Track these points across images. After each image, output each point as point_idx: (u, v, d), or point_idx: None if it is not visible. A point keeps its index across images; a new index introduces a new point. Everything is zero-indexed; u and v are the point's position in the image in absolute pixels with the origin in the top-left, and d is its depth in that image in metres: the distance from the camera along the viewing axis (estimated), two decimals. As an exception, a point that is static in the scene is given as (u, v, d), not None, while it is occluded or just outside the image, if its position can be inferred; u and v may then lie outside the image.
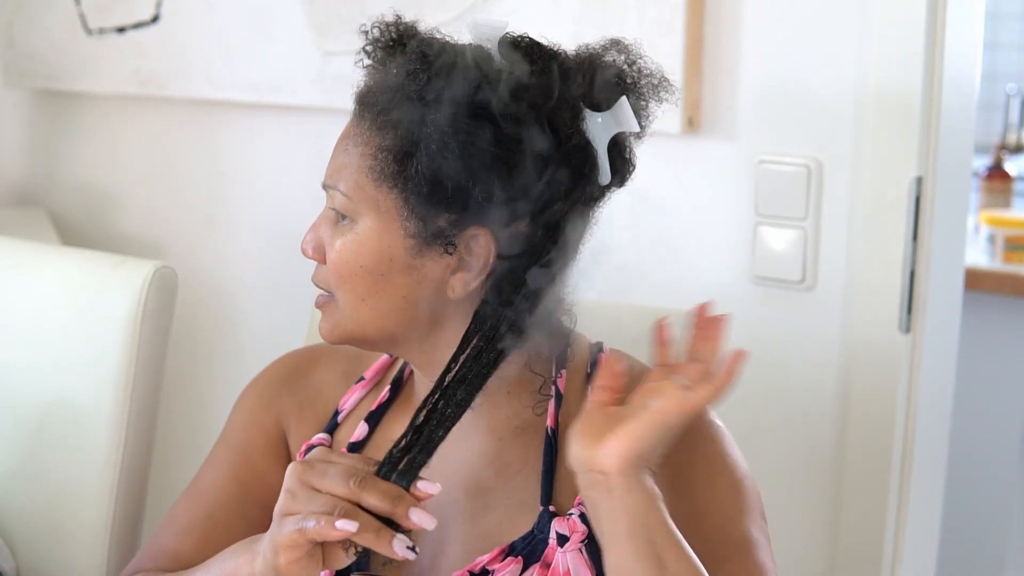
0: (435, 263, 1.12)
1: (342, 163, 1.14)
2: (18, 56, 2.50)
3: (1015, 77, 3.80)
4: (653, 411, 1.05)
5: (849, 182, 1.76)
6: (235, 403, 1.35)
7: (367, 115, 1.13)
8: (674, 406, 1.05)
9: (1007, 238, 2.69)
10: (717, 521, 1.13)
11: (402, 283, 1.12)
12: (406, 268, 1.12)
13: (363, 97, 1.14)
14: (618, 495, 1.04)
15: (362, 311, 1.14)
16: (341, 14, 2.11)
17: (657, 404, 1.05)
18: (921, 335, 1.77)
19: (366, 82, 1.15)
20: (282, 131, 2.26)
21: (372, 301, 1.13)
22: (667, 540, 1.04)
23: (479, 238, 1.11)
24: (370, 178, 1.11)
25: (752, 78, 1.81)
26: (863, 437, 1.78)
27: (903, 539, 1.80)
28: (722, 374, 1.06)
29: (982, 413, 2.65)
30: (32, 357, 1.68)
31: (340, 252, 1.13)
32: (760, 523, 1.15)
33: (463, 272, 1.12)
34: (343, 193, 1.13)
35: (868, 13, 1.72)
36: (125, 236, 2.49)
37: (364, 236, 1.12)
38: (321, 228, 1.16)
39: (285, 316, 2.24)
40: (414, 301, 1.13)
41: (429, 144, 1.08)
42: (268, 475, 1.29)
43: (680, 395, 1.05)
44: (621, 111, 1.11)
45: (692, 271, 1.89)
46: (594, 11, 1.87)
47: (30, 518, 1.66)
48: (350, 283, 1.13)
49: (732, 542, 1.12)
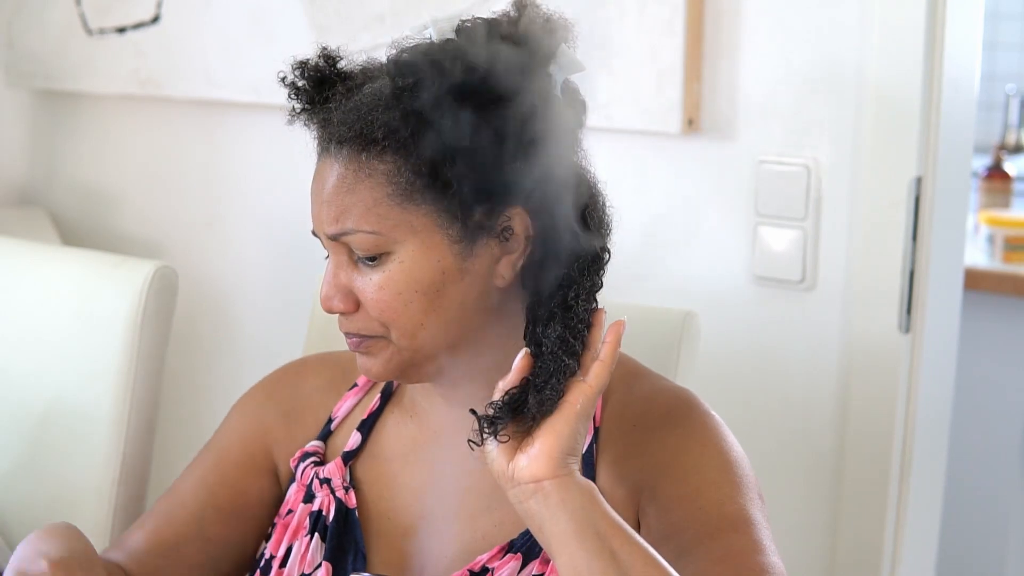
0: (482, 258, 1.12)
1: (347, 205, 1.10)
2: (18, 56, 2.50)
3: (1015, 77, 3.80)
4: (564, 406, 1.05)
5: (849, 182, 1.76)
6: (231, 409, 1.35)
7: (361, 147, 1.10)
8: (578, 395, 1.05)
9: (1007, 238, 2.69)
10: (713, 498, 1.12)
11: (456, 291, 1.12)
12: (458, 274, 1.11)
13: (345, 134, 1.11)
14: (556, 499, 1.03)
15: (421, 335, 1.12)
16: (341, 14, 2.11)
17: (566, 401, 1.06)
18: (921, 335, 1.77)
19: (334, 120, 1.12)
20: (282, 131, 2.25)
21: (432, 320, 1.12)
22: (614, 530, 1.03)
23: (515, 218, 1.11)
24: (393, 203, 1.10)
25: (752, 78, 1.81)
26: (863, 437, 1.78)
27: (903, 539, 1.80)
28: (606, 349, 1.07)
29: (982, 413, 2.64)
30: (32, 357, 1.68)
31: (387, 287, 1.11)
32: (758, 503, 1.14)
33: (507, 256, 1.12)
34: (367, 232, 1.10)
35: (868, 13, 1.72)
36: (125, 236, 2.49)
37: (410, 261, 1.10)
38: (340, 277, 1.13)
39: (285, 316, 2.25)
40: (470, 303, 1.13)
41: (446, 144, 1.08)
42: (238, 483, 1.29)
43: (579, 385, 1.06)
44: (565, 57, 1.12)
45: (692, 271, 1.89)
46: (594, 11, 1.87)
47: (30, 518, 1.66)
48: (406, 313, 1.11)
49: (727, 518, 1.11)
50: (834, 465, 1.80)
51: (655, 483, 1.14)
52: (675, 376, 1.43)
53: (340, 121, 1.11)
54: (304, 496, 1.26)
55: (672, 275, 1.89)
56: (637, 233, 1.89)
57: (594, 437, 1.18)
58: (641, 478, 1.15)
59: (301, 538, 1.24)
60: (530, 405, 1.05)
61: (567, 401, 1.05)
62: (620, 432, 1.18)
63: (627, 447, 1.17)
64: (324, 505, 1.24)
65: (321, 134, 1.14)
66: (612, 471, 1.17)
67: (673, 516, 1.12)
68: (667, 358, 1.44)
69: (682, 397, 1.21)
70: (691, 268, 1.89)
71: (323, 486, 1.25)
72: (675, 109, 1.81)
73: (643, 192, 1.89)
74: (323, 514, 1.24)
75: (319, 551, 1.23)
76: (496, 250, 1.12)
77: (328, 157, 1.13)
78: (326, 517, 1.24)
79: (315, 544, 1.23)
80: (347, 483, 1.24)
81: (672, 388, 1.22)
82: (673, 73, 1.80)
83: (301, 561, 1.23)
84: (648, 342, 1.45)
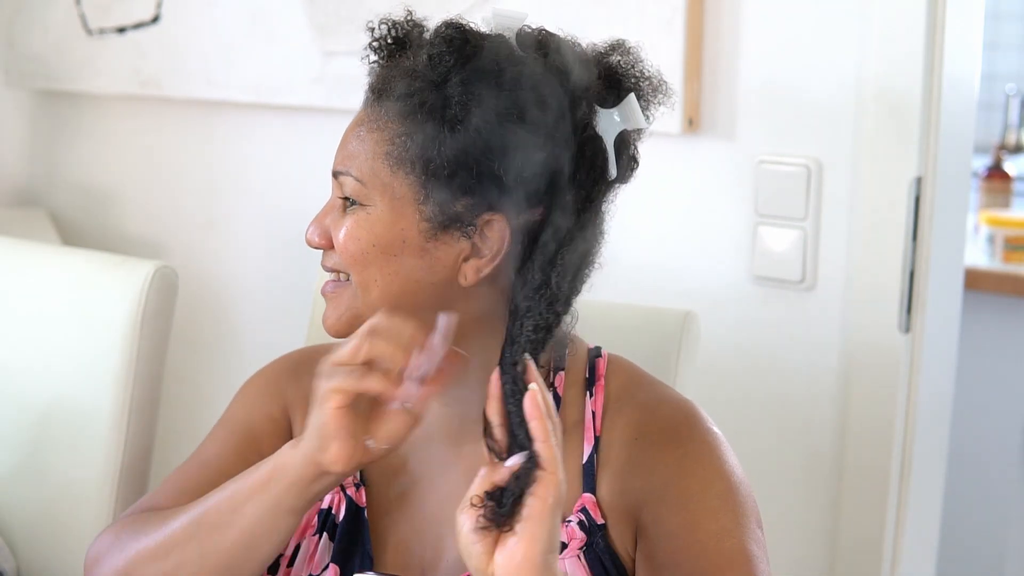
0: (448, 248, 1.11)
1: (355, 150, 1.13)
2: (18, 56, 2.50)
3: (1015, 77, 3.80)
4: (535, 504, 0.99)
5: (849, 182, 1.76)
6: (238, 392, 1.34)
7: (384, 102, 1.13)
8: (546, 489, 0.99)
9: (1007, 238, 2.70)
10: (712, 530, 1.12)
11: (414, 265, 1.12)
12: (419, 251, 1.11)
13: (379, 84, 1.14)
14: None
15: (372, 292, 1.13)
16: (341, 14, 2.11)
17: (535, 497, 0.99)
18: (921, 335, 1.77)
19: (380, 71, 1.15)
20: (282, 131, 2.26)
21: (383, 282, 1.12)
22: None
23: (493, 224, 1.10)
24: (386, 164, 1.11)
25: (752, 78, 1.81)
26: (863, 437, 1.78)
27: (903, 539, 1.80)
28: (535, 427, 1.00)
29: (982, 413, 2.65)
30: (32, 357, 1.68)
31: (350, 231, 1.12)
32: (756, 534, 1.14)
33: (475, 259, 1.12)
34: (356, 178, 1.12)
35: (868, 13, 1.72)
36: (125, 236, 2.49)
37: (376, 217, 1.12)
38: (327, 218, 1.16)
39: (285, 316, 2.25)
40: (425, 285, 1.12)
41: (453, 128, 1.08)
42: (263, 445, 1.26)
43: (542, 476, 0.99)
44: (629, 108, 1.12)
45: (692, 271, 1.89)
46: (594, 10, 1.87)
47: (30, 518, 1.67)
48: (362, 261, 1.12)
49: (726, 555, 1.10)
50: (834, 465, 1.80)
51: (655, 506, 1.13)
52: (675, 376, 1.43)
53: (380, 74, 1.14)
54: None
55: (672, 275, 1.89)
56: (637, 233, 1.89)
57: (594, 447, 1.17)
58: (641, 497, 1.15)
59: (309, 537, 1.23)
60: (505, 506, 0.99)
61: (537, 497, 0.99)
62: (621, 443, 1.17)
63: (629, 460, 1.16)
64: (333, 503, 1.24)
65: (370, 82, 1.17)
66: (614, 484, 1.16)
67: (671, 546, 1.12)
68: (667, 358, 1.44)
69: (684, 410, 1.19)
70: (691, 268, 1.89)
71: None
72: (675, 109, 1.80)
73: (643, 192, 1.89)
74: (332, 512, 1.23)
75: (327, 551, 1.22)
76: (464, 247, 1.11)
77: (366, 103, 1.16)
78: (335, 516, 1.23)
79: (323, 544, 1.22)
80: (357, 480, 1.24)
81: (674, 399, 1.21)
82: (673, 73, 1.80)
83: (309, 561, 1.22)
84: (648, 342, 1.45)
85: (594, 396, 1.19)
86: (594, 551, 1.13)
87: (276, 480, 1.10)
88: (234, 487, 1.14)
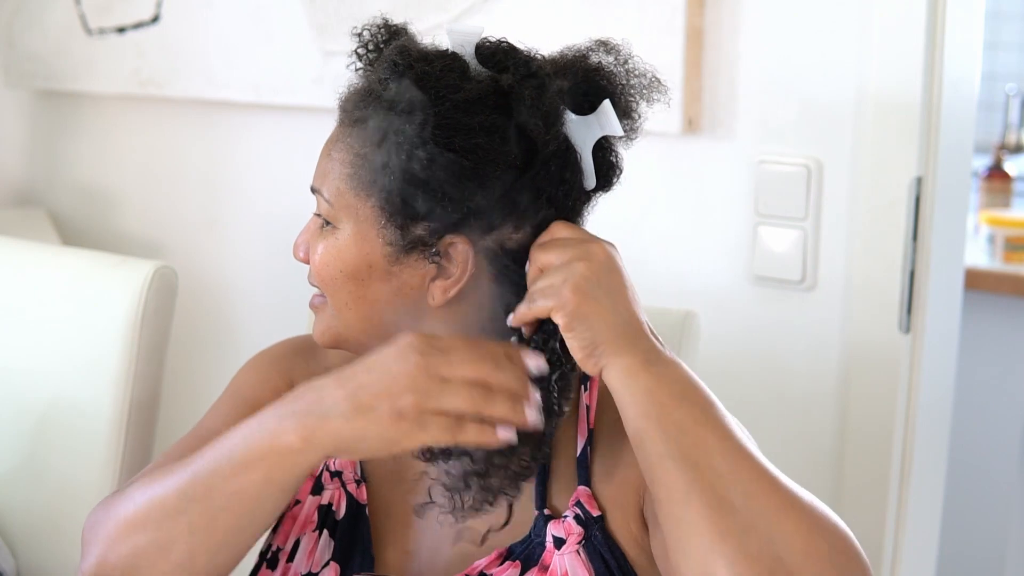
0: (413, 271, 1.11)
1: (326, 169, 1.14)
2: (18, 56, 2.50)
3: (1015, 77, 3.80)
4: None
5: (849, 182, 1.76)
6: (242, 368, 1.32)
7: (346, 120, 1.13)
8: None
9: (1007, 238, 2.70)
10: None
11: (381, 289, 1.12)
12: (385, 274, 1.12)
13: (343, 102, 1.14)
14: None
15: (347, 315, 1.14)
16: (341, 14, 2.11)
17: None
18: (921, 335, 1.77)
19: (348, 86, 1.15)
20: (282, 131, 2.26)
21: (355, 306, 1.13)
22: None
23: (456, 246, 1.10)
24: (350, 186, 1.11)
25: (752, 78, 1.81)
26: (863, 437, 1.78)
27: (903, 539, 1.80)
28: None
29: (982, 413, 2.65)
30: (32, 357, 1.68)
31: (321, 257, 1.13)
32: None
33: (442, 280, 1.11)
34: (326, 199, 1.13)
35: (868, 13, 1.72)
36: (125, 236, 2.49)
37: (343, 243, 1.12)
38: (311, 232, 1.16)
39: (285, 316, 2.24)
40: (395, 307, 1.13)
41: (400, 153, 1.07)
42: None
43: None
44: (604, 115, 1.10)
45: (692, 271, 1.89)
46: (594, 10, 1.87)
47: (30, 518, 1.67)
48: (333, 287, 1.13)
49: None
50: (834, 465, 1.80)
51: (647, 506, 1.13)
52: (675, 376, 1.43)
53: (348, 88, 1.14)
54: (312, 487, 1.24)
55: (672, 275, 1.89)
56: (637, 233, 1.89)
57: (588, 439, 1.18)
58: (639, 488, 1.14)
59: (309, 533, 1.23)
60: None
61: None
62: (615, 434, 1.17)
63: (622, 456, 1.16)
64: (334, 499, 1.23)
65: None
66: (610, 474, 1.16)
67: None
68: (667, 358, 1.44)
69: None
70: (691, 268, 1.89)
71: (333, 479, 1.24)
72: (675, 109, 1.81)
73: (643, 192, 1.89)
74: (332, 509, 1.23)
75: (328, 549, 1.22)
76: (430, 269, 1.11)
77: (338, 118, 1.15)
78: (336, 512, 1.23)
79: (324, 541, 1.22)
80: (358, 476, 1.23)
81: None
82: (673, 73, 1.80)
83: (308, 557, 1.22)
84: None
85: (589, 390, 1.19)
86: (593, 544, 1.13)
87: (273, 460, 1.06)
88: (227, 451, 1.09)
